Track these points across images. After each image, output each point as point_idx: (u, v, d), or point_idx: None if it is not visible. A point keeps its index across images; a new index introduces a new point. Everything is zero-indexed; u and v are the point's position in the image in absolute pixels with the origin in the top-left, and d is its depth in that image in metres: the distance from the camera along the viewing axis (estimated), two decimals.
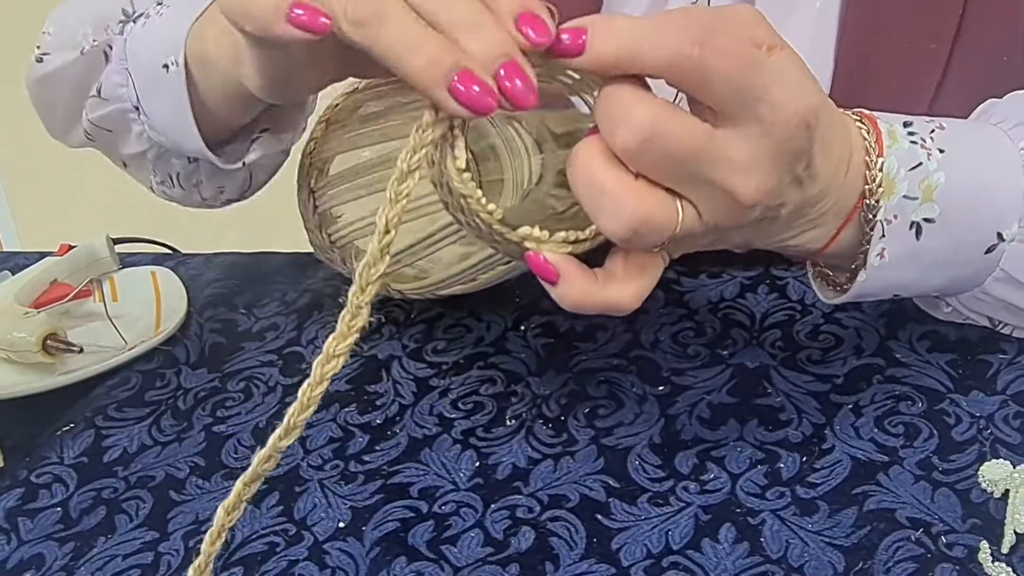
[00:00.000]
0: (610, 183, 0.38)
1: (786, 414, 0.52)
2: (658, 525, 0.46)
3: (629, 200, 0.38)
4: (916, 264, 0.47)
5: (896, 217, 0.45)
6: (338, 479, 0.53)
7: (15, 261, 0.82)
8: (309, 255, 0.77)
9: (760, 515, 0.46)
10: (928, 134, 0.46)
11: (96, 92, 0.58)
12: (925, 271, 0.48)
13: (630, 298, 0.41)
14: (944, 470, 0.47)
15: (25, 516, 0.53)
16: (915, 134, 0.46)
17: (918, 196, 0.45)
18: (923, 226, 0.46)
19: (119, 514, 0.53)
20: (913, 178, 0.45)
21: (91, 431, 0.59)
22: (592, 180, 0.39)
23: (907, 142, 0.46)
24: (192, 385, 0.63)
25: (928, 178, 0.45)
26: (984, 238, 0.47)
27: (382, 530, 0.49)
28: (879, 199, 0.45)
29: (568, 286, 0.41)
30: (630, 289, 0.41)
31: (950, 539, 0.43)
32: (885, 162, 0.45)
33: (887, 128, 0.46)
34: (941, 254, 0.47)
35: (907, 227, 0.46)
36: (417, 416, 0.57)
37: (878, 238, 0.45)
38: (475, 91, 0.36)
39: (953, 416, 0.50)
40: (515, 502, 0.49)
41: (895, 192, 0.45)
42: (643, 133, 0.37)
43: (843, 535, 0.44)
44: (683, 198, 0.39)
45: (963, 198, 0.46)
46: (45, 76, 0.60)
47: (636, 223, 0.38)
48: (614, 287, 0.41)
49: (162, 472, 0.55)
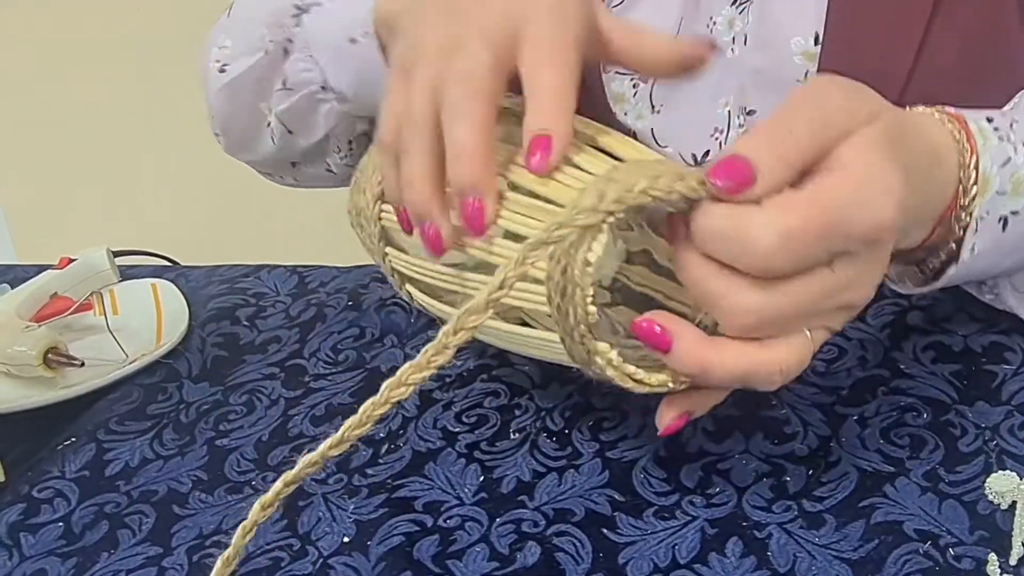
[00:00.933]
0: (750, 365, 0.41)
1: (791, 427, 0.52)
2: (665, 539, 0.46)
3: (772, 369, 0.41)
4: (996, 252, 0.48)
5: (988, 213, 0.46)
6: (342, 493, 0.53)
7: (14, 274, 0.82)
8: (310, 267, 0.77)
9: (767, 528, 0.46)
10: (1009, 129, 0.48)
11: (282, 85, 0.61)
12: (1001, 257, 0.50)
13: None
14: (951, 481, 0.47)
15: (27, 531, 0.53)
16: (999, 129, 0.47)
17: (1008, 190, 0.47)
18: (1010, 219, 0.47)
19: (122, 529, 0.52)
20: (1004, 174, 0.46)
21: (93, 445, 0.59)
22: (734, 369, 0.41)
23: (995, 138, 0.47)
24: (194, 398, 0.63)
25: (1017, 172, 0.47)
26: None
27: (387, 545, 0.49)
28: (974, 197, 0.46)
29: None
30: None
31: (958, 551, 0.43)
32: (981, 160, 0.46)
33: (976, 126, 0.47)
34: (1016, 243, 0.49)
35: (996, 221, 0.47)
36: (421, 429, 0.57)
37: (972, 233, 0.46)
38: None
39: (959, 427, 0.50)
40: (520, 516, 0.49)
41: (990, 189, 0.46)
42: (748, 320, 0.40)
43: (851, 548, 0.44)
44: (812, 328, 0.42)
45: None
46: (230, 83, 0.63)
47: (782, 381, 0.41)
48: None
49: (164, 486, 0.55)
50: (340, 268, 0.76)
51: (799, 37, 0.61)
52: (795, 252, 0.38)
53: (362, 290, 0.72)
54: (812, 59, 0.61)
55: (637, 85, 0.67)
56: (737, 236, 0.38)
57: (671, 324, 0.41)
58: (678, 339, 0.41)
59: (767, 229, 0.38)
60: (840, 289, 0.40)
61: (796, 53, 0.61)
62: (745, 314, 0.39)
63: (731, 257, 0.39)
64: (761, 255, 0.38)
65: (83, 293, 0.72)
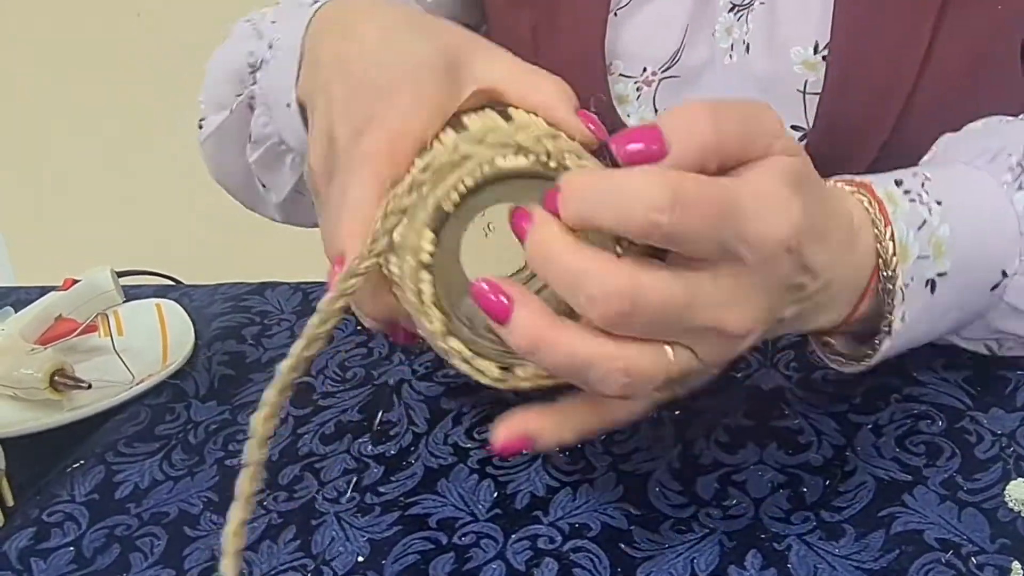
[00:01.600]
0: (592, 355, 0.37)
1: (805, 436, 0.52)
2: (683, 553, 0.46)
3: (616, 365, 0.37)
4: (929, 316, 0.47)
5: (913, 279, 0.45)
6: (355, 511, 0.52)
7: (16, 296, 0.82)
8: (314, 284, 0.76)
9: (786, 540, 0.46)
10: (921, 188, 0.47)
11: (249, 138, 0.61)
12: (936, 320, 0.48)
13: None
14: (969, 489, 0.47)
15: (38, 556, 0.52)
16: (910, 191, 0.46)
17: (929, 254, 0.45)
18: (937, 281, 0.46)
19: (134, 552, 0.52)
20: (922, 237, 0.45)
21: (101, 467, 0.58)
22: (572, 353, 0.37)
23: (906, 202, 0.46)
24: (202, 418, 0.62)
25: (934, 233, 0.46)
26: (990, 277, 0.48)
27: (403, 563, 0.48)
28: (895, 268, 0.44)
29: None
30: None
31: (980, 560, 0.43)
32: (895, 229, 0.44)
33: (884, 192, 0.45)
34: (952, 301, 0.47)
35: (923, 285, 0.46)
36: (432, 446, 0.56)
37: (899, 303, 0.45)
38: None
39: (974, 434, 0.50)
40: (536, 532, 0.49)
41: (909, 256, 0.45)
42: (622, 307, 0.35)
43: (871, 559, 0.44)
44: (675, 344, 0.38)
45: (968, 245, 0.47)
46: (208, 138, 0.63)
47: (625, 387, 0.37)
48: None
49: (175, 508, 0.55)
50: None
51: (799, 46, 0.61)
52: (683, 219, 0.34)
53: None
54: (812, 68, 0.61)
55: (641, 88, 0.67)
56: (619, 188, 0.35)
57: (514, 291, 0.37)
58: (519, 307, 0.37)
59: (658, 182, 0.34)
60: (718, 302, 0.37)
61: (796, 62, 0.62)
62: (614, 296, 0.35)
63: (609, 216, 0.35)
64: (647, 207, 0.34)
65: (88, 314, 0.72)
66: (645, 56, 0.66)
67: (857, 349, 0.49)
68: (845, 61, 0.60)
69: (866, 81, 0.60)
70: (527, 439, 0.40)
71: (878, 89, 0.60)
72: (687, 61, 0.66)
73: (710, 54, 0.66)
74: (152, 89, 1.76)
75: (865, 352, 0.48)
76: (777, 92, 0.63)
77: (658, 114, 0.69)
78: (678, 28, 0.65)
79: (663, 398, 0.41)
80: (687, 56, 0.66)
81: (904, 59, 0.59)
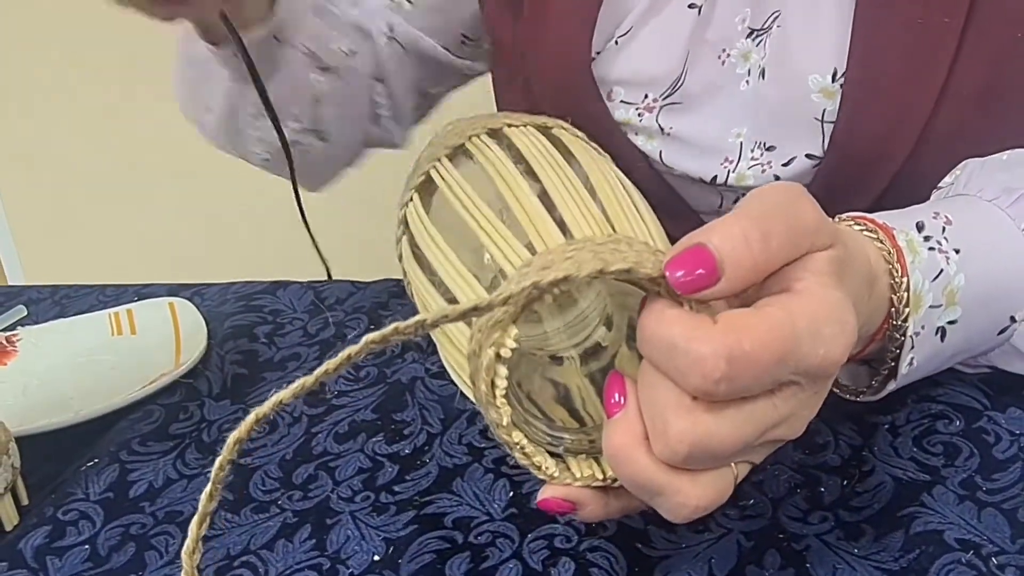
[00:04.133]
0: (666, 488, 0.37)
1: (822, 436, 0.52)
2: (700, 553, 0.46)
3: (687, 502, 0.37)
4: (936, 360, 0.48)
5: (924, 328, 0.45)
6: (370, 511, 0.52)
7: (28, 295, 0.82)
8: (325, 283, 0.76)
9: (804, 540, 0.45)
10: (941, 235, 0.47)
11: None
12: (943, 363, 0.49)
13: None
14: (988, 489, 0.46)
15: (53, 555, 0.52)
16: (930, 238, 0.46)
17: (942, 303, 0.46)
18: (947, 329, 0.46)
19: (149, 550, 0.52)
20: (937, 287, 0.45)
21: (115, 466, 0.58)
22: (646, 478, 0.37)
23: (926, 250, 0.46)
24: (216, 417, 0.62)
25: (950, 283, 0.46)
26: (998, 322, 0.48)
27: (419, 562, 0.48)
28: (907, 317, 0.44)
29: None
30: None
31: (1001, 560, 0.42)
32: (911, 280, 0.44)
33: (905, 240, 0.45)
34: (959, 346, 0.48)
35: (933, 333, 0.46)
36: (446, 445, 0.56)
37: (908, 350, 0.45)
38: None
39: (992, 434, 0.50)
40: (552, 531, 0.49)
41: (922, 305, 0.45)
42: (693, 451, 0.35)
43: (891, 559, 0.43)
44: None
45: (981, 294, 0.47)
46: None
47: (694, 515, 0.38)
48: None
49: (189, 506, 0.55)
50: (356, 284, 0.75)
51: (817, 74, 0.61)
52: (741, 380, 0.34)
53: (380, 308, 0.72)
54: (830, 96, 0.60)
55: (642, 114, 0.66)
56: (678, 353, 0.35)
57: (629, 391, 0.38)
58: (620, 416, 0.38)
59: (711, 354, 0.34)
60: (778, 422, 0.37)
61: (814, 90, 0.61)
62: (677, 442, 0.35)
63: (673, 372, 0.35)
64: (702, 377, 0.34)
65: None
66: (644, 83, 0.66)
67: (856, 382, 0.50)
68: (861, 89, 0.59)
69: (882, 109, 0.59)
70: (571, 506, 0.40)
71: (894, 118, 0.59)
72: (689, 87, 0.65)
73: (715, 79, 0.65)
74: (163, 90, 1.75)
75: (863, 389, 0.49)
76: (793, 119, 0.62)
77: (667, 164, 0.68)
78: (678, 54, 0.65)
79: None
80: (689, 82, 0.65)
81: (922, 88, 0.58)
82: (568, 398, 0.44)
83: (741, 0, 0.64)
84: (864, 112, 0.60)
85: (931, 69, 0.58)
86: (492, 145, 0.43)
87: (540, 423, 0.41)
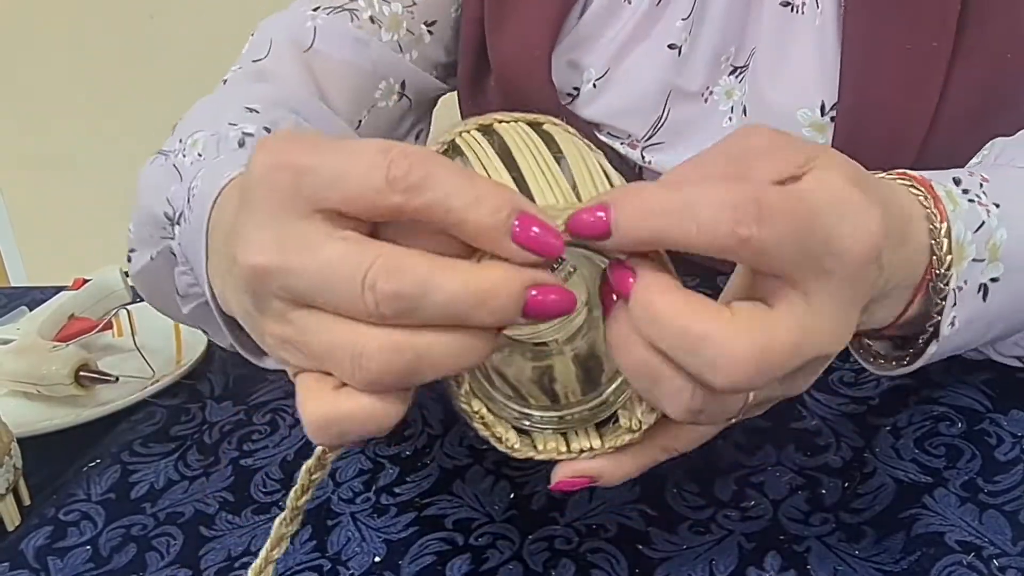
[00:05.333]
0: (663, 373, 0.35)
1: (823, 438, 0.52)
2: (701, 554, 0.46)
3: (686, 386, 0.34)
4: (979, 323, 0.45)
5: (967, 283, 0.43)
6: (371, 512, 0.52)
7: (31, 296, 0.82)
8: None
9: (805, 542, 0.45)
10: (979, 190, 0.45)
11: (177, 292, 0.56)
12: (985, 329, 0.46)
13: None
14: (990, 491, 0.46)
15: (55, 555, 0.52)
16: (969, 191, 0.44)
17: (985, 257, 0.44)
18: (990, 287, 0.44)
19: (150, 551, 0.52)
20: (979, 239, 0.43)
21: (117, 467, 0.58)
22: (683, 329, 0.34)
23: (966, 202, 0.44)
24: (217, 419, 0.62)
25: (992, 236, 0.44)
26: None
27: (419, 564, 0.48)
28: (949, 267, 0.42)
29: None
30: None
31: (1003, 562, 0.42)
32: (952, 228, 0.42)
33: (944, 191, 0.44)
34: (1002, 310, 0.45)
35: (976, 291, 0.44)
36: (447, 447, 0.56)
37: (951, 306, 0.43)
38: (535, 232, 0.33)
39: (994, 436, 0.50)
40: (552, 533, 0.49)
41: (965, 257, 0.43)
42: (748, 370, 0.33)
43: (892, 561, 0.43)
44: None
45: (1021, 250, 0.45)
46: (136, 274, 0.58)
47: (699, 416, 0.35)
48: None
49: (191, 508, 0.55)
50: None
51: (805, 108, 0.60)
52: (773, 231, 0.32)
53: None
54: (822, 130, 0.60)
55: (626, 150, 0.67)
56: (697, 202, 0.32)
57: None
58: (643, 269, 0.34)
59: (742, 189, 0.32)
60: (810, 343, 0.34)
61: (804, 125, 0.60)
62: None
63: (686, 231, 0.32)
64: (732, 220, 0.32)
65: (99, 313, 0.72)
66: (625, 125, 0.66)
67: (897, 351, 0.47)
68: (854, 120, 0.59)
69: (877, 138, 0.59)
70: (588, 478, 0.40)
71: (889, 146, 0.59)
72: (671, 127, 0.65)
73: (697, 118, 0.65)
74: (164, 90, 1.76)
75: (906, 355, 0.46)
76: None
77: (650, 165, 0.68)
78: (657, 97, 0.65)
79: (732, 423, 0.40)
80: (671, 122, 0.65)
81: (915, 114, 0.58)
82: (550, 378, 0.45)
83: (724, 39, 0.64)
84: (858, 142, 0.59)
85: (924, 95, 0.58)
86: (480, 139, 0.43)
87: (511, 402, 0.41)
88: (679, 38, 0.65)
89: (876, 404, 0.53)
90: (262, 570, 0.41)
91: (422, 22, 0.73)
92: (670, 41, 0.64)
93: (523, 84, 0.67)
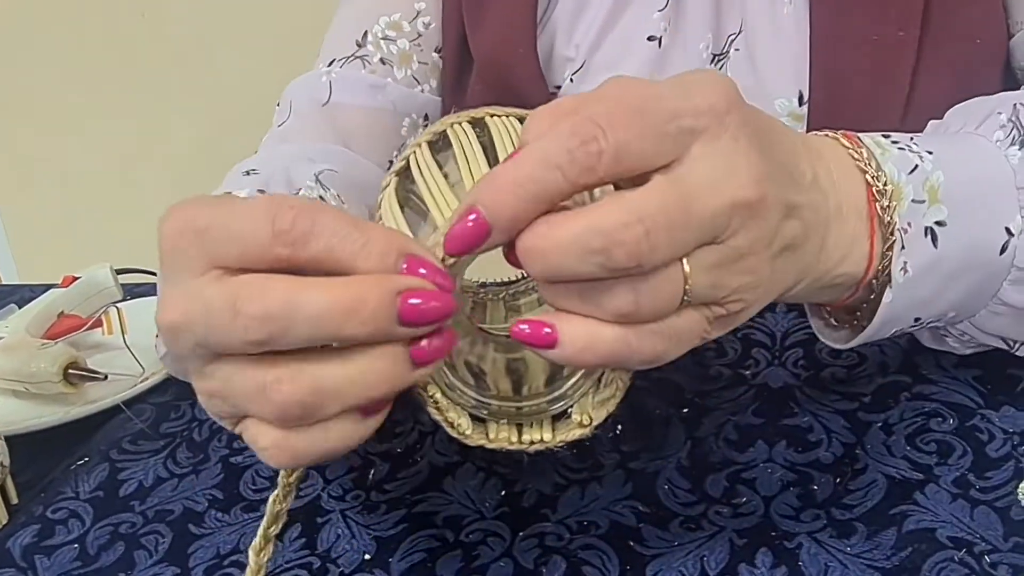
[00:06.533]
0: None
1: (815, 434, 0.51)
2: (693, 551, 0.46)
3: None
4: (936, 275, 0.45)
5: (911, 225, 0.44)
6: (360, 509, 0.52)
7: (21, 294, 0.82)
8: None
9: (796, 538, 0.45)
10: (909, 141, 0.46)
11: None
12: (944, 283, 0.45)
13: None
14: (981, 488, 0.46)
15: (42, 553, 0.52)
16: (898, 142, 0.45)
17: (924, 198, 0.44)
18: (937, 231, 0.44)
19: (138, 549, 0.51)
20: (915, 181, 0.44)
21: (106, 465, 0.58)
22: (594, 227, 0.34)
23: (895, 148, 0.45)
24: (206, 416, 0.62)
25: (928, 178, 0.44)
26: (994, 236, 0.45)
27: (409, 561, 0.48)
28: (891, 204, 0.43)
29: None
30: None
31: (994, 558, 0.42)
32: (885, 170, 0.43)
33: (871, 140, 0.45)
34: (958, 261, 0.45)
35: (923, 234, 0.44)
36: (438, 444, 0.56)
37: (899, 250, 0.44)
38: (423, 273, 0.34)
39: (986, 432, 0.50)
40: (543, 530, 0.48)
41: (903, 196, 0.43)
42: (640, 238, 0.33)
43: (883, 557, 0.43)
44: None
45: (964, 194, 0.45)
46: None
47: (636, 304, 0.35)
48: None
49: (180, 505, 0.54)
50: None
51: (783, 98, 0.61)
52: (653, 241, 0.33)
53: None
54: (799, 119, 0.60)
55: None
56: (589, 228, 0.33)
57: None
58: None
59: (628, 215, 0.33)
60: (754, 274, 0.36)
61: (782, 115, 0.61)
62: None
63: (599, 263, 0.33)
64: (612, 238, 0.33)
65: (89, 310, 0.72)
66: None
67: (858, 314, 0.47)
68: (826, 111, 0.59)
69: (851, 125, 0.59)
70: (552, 337, 0.36)
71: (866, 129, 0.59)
72: None
73: None
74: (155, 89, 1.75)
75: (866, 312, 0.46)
76: None
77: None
78: None
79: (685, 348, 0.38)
80: None
81: (886, 104, 0.58)
82: (520, 370, 0.45)
83: (703, 26, 0.64)
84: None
85: (894, 84, 0.58)
86: (469, 131, 0.43)
87: (471, 390, 0.41)
88: (658, 29, 0.65)
89: (868, 401, 0.53)
90: (262, 548, 0.41)
91: (432, 51, 0.73)
92: (649, 33, 0.64)
93: (512, 81, 0.67)
